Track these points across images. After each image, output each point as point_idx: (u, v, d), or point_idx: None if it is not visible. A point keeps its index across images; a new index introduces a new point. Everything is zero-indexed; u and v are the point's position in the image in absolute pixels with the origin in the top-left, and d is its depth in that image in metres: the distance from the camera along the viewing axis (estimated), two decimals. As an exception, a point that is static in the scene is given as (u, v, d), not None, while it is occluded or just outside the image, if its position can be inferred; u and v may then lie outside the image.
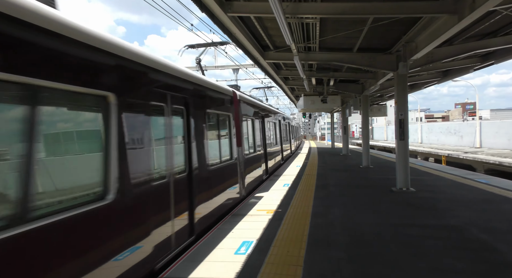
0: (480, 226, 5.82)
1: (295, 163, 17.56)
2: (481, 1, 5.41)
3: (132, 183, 3.70)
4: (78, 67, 3.03)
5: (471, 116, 56.39)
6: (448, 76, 13.84)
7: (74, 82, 2.95)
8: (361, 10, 6.58)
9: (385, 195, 8.66)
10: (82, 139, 3.37)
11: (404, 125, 9.22)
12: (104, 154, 3.35)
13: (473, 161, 20.76)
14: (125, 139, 3.61)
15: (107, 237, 3.28)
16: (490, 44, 8.88)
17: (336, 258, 4.48)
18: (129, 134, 3.69)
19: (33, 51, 2.58)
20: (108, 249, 3.27)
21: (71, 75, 2.92)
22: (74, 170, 3.15)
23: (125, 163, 3.59)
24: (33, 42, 2.57)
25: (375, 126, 61.75)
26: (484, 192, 8.81)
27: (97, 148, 3.35)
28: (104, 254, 3.21)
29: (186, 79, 5.34)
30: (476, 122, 29.85)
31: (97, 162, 3.30)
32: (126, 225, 3.59)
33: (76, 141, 3.30)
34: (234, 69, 24.79)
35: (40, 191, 2.66)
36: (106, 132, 3.38)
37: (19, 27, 2.45)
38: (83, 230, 2.99)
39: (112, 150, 3.40)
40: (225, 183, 7.11)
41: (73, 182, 3.08)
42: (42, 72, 2.62)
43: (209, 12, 6.50)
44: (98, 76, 3.27)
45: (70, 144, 3.24)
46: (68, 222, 2.80)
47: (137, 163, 3.83)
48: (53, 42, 2.75)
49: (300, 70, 10.86)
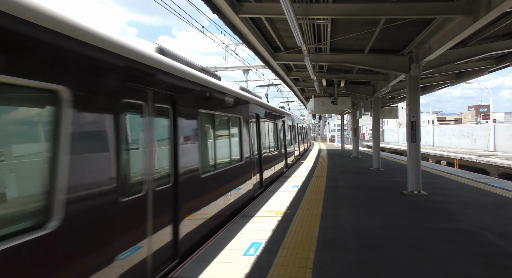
0: (494, 230, 5.69)
1: (305, 165, 17.48)
2: (497, 2, 5.30)
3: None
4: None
5: (484, 119, 55.43)
6: (461, 78, 13.61)
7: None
8: (373, 11, 6.51)
9: (396, 198, 8.55)
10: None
11: (416, 128, 9.09)
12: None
13: (486, 165, 20.39)
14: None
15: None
16: (506, 46, 8.71)
17: (346, 261, 4.43)
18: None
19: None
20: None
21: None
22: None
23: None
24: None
25: (386, 128, 61.16)
26: (498, 196, 8.63)
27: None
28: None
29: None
30: (490, 125, 29.31)
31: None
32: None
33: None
34: (244, 70, 24.84)
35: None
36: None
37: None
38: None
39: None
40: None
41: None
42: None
43: (220, 14, 6.52)
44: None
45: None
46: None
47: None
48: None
49: (311, 72, 10.82)
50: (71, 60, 2.81)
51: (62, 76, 2.67)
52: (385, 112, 24.84)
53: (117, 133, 3.33)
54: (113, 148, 3.26)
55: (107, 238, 3.14)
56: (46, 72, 2.53)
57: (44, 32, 2.53)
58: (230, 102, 7.31)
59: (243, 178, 8.02)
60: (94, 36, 3.07)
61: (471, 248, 4.89)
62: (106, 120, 3.20)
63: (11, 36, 2.29)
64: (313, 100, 17.64)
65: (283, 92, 35.87)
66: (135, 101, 3.75)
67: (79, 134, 2.84)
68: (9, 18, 2.25)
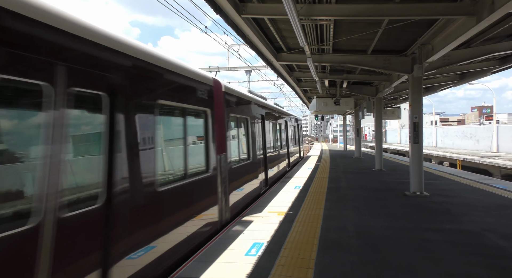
0: (497, 232, 5.67)
1: (307, 165, 17.47)
2: (501, 3, 5.29)
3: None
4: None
5: (487, 120, 55.20)
6: (464, 79, 13.56)
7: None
8: (376, 12, 6.51)
9: (398, 199, 8.53)
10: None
11: (419, 128, 9.07)
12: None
13: (489, 166, 20.31)
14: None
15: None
16: (509, 47, 8.68)
17: (348, 261, 4.43)
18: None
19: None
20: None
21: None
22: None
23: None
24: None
25: (389, 129, 60.98)
26: (501, 197, 8.59)
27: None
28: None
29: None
30: (493, 126, 29.18)
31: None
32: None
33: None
34: (247, 71, 24.86)
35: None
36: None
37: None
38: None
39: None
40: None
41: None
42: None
43: (223, 14, 6.53)
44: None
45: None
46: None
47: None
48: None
49: (313, 72, 10.81)
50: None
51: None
52: (387, 112, 24.78)
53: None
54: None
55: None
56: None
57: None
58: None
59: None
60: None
61: (474, 250, 4.88)
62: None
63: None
64: (315, 100, 17.63)
65: (285, 92, 35.86)
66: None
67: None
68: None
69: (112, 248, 3.18)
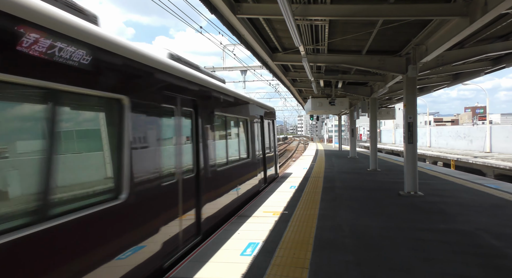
0: (491, 231, 5.72)
1: (302, 165, 17.50)
2: (493, 4, 5.33)
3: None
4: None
5: (481, 120, 55.72)
6: (458, 79, 13.68)
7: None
8: (370, 12, 6.53)
9: (392, 199, 8.57)
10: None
11: (413, 129, 9.13)
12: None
13: (483, 166, 20.47)
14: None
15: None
16: (502, 47, 8.76)
17: (343, 261, 4.44)
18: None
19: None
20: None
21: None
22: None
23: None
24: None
25: (383, 129, 61.28)
26: (494, 197, 8.67)
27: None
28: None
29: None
30: (486, 126, 29.43)
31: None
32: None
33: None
34: (242, 71, 24.86)
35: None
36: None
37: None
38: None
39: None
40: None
41: None
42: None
43: (218, 14, 6.52)
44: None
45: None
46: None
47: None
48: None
49: (309, 72, 10.83)
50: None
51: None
52: (382, 113, 24.92)
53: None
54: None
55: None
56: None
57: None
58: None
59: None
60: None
61: (468, 249, 4.92)
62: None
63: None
64: (310, 100, 17.67)
65: (281, 92, 35.88)
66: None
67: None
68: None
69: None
